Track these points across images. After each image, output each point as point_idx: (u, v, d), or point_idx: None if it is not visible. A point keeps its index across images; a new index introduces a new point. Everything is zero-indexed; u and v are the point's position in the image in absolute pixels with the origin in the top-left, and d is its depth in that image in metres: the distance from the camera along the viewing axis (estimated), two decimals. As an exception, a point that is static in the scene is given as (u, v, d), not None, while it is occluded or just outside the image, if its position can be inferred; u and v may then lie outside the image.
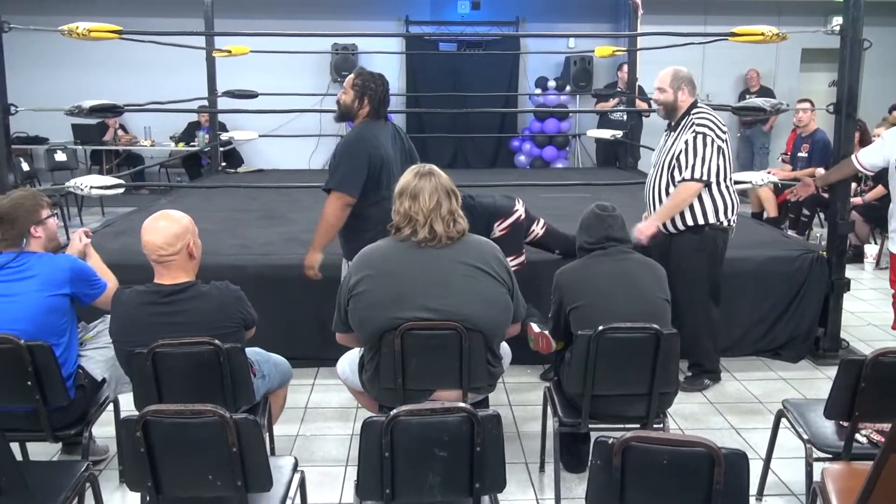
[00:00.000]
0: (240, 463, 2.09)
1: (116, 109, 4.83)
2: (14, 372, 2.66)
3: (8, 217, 2.88)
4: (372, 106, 3.80)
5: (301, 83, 9.49)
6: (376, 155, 3.65)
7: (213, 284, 2.69)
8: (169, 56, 7.32)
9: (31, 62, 8.58)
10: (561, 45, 10.14)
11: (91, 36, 4.48)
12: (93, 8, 8.95)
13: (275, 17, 9.77)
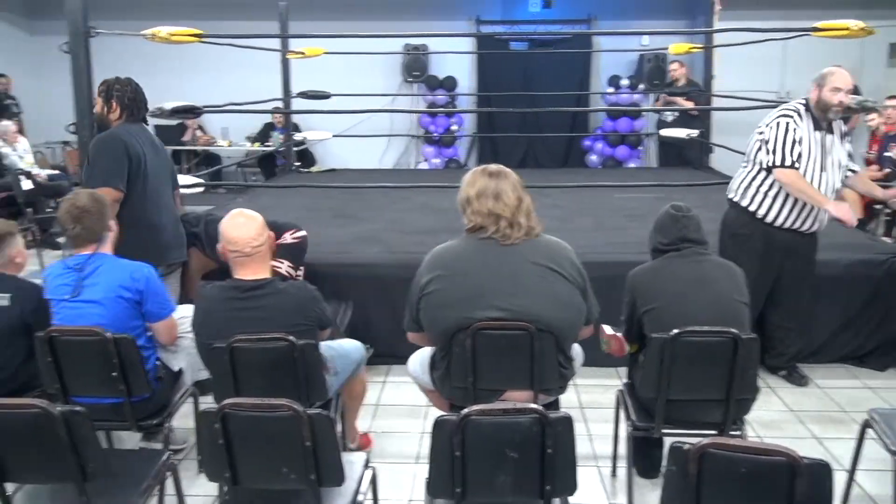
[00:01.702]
0: (312, 457, 2.12)
1: (196, 111, 4.98)
2: (101, 364, 2.77)
3: (87, 216, 2.96)
4: (123, 108, 3.68)
5: (373, 84, 9.60)
6: (134, 151, 3.59)
7: (290, 283, 2.76)
8: (246, 58, 7.51)
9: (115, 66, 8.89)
10: (634, 42, 9.98)
11: (172, 40, 4.62)
12: (174, 13, 9.25)
13: (348, 18, 9.90)
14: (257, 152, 9.73)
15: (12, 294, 3.01)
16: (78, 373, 2.85)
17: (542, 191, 3.98)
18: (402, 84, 10.50)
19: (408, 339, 2.87)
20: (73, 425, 2.15)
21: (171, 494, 2.71)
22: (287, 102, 7.83)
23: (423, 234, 4.97)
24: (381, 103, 9.10)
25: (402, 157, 10.93)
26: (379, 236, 5.08)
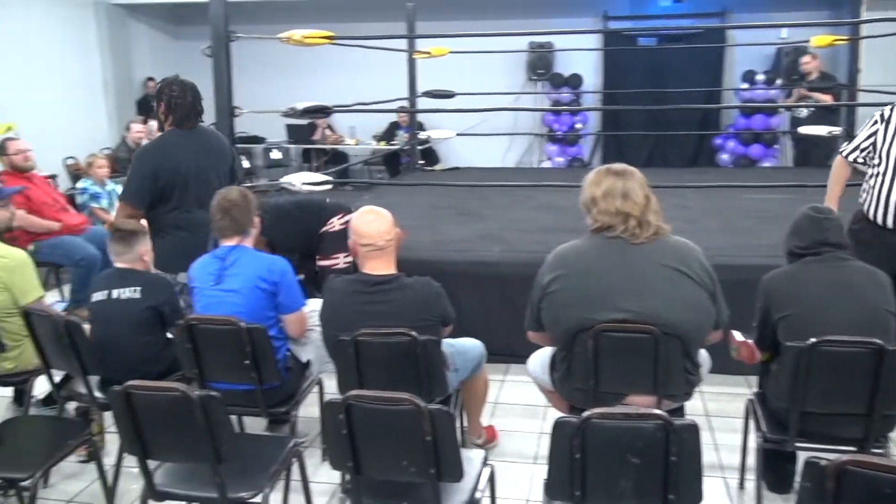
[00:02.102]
0: (433, 452, 2.15)
1: (326, 110, 5.13)
2: (235, 352, 2.91)
3: (232, 211, 3.15)
4: (170, 112, 3.73)
5: (497, 82, 9.60)
6: (164, 166, 3.65)
7: (415, 279, 2.80)
8: (374, 59, 7.69)
9: (253, 68, 9.32)
10: (772, 35, 9.50)
11: (306, 42, 4.78)
12: (307, 16, 9.60)
13: (473, 17, 9.95)
14: (383, 151, 9.95)
15: (142, 287, 3.25)
16: (214, 359, 3.01)
17: (669, 190, 3.85)
18: (526, 82, 10.45)
19: (528, 339, 2.86)
20: (209, 409, 2.27)
21: (297, 480, 2.82)
22: (412, 102, 7.96)
23: (544, 233, 4.94)
24: (505, 102, 9.08)
25: (525, 156, 10.89)
26: (501, 235, 5.08)
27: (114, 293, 3.25)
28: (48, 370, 3.33)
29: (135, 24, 10.90)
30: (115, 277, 3.31)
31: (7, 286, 3.33)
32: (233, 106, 4.64)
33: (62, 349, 3.09)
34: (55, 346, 3.15)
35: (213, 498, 2.42)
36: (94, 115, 10.00)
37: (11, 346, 3.39)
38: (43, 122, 8.61)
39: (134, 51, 10.82)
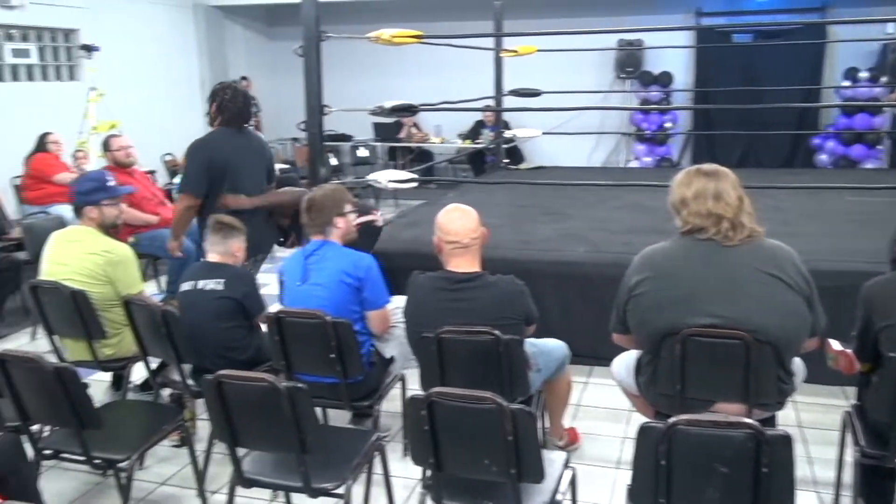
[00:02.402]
0: (514, 452, 2.14)
1: (412, 109, 5.17)
2: (320, 345, 2.97)
3: (317, 206, 3.24)
4: (221, 112, 4.07)
5: (584, 80, 9.49)
6: (216, 160, 3.96)
7: (499, 277, 2.80)
8: (460, 57, 7.71)
9: (343, 67, 9.49)
10: (876, 31, 9.06)
11: (394, 41, 4.83)
12: (396, 15, 9.71)
13: (561, 15, 9.86)
14: (468, 149, 9.97)
15: (226, 279, 3.38)
16: (301, 352, 3.08)
17: (763, 192, 3.70)
18: (614, 80, 10.29)
19: (613, 341, 2.81)
20: (295, 400, 2.33)
21: (378, 474, 2.85)
22: (498, 100, 7.94)
23: (630, 234, 4.85)
24: (592, 100, 8.97)
25: (612, 155, 10.72)
26: (585, 235, 5.02)
27: (199, 283, 3.38)
28: (145, 357, 3.48)
29: (231, 26, 11.26)
30: (203, 269, 3.45)
31: (111, 279, 3.50)
32: (322, 104, 4.73)
33: (158, 338, 3.22)
34: (152, 335, 3.29)
35: (298, 487, 2.48)
36: (192, 113, 10.37)
37: (112, 334, 3.55)
38: (144, 120, 8.99)
39: (230, 51, 11.18)
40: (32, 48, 8.14)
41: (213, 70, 10.66)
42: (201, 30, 10.45)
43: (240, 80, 11.08)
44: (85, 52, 8.25)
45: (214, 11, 10.66)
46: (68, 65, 8.65)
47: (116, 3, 8.94)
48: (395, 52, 8.61)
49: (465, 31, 6.44)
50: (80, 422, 2.63)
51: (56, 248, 3.63)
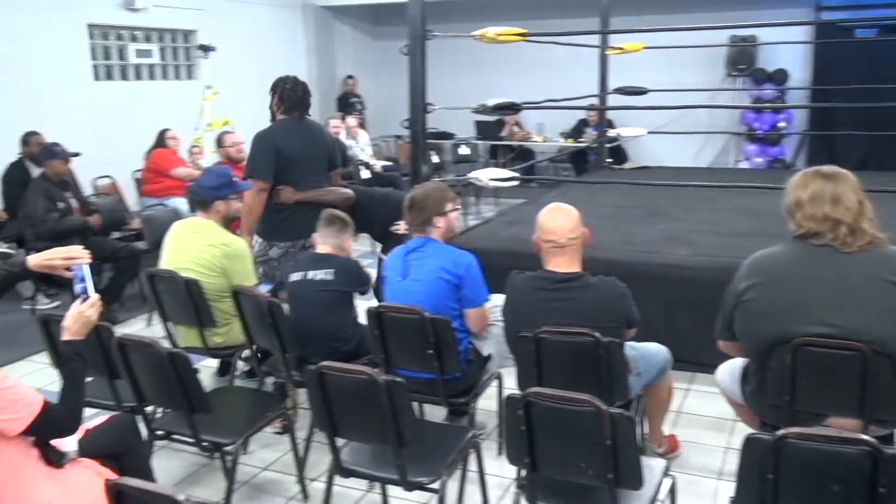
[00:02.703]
0: (612, 457, 2.10)
1: (515, 107, 5.15)
2: (419, 341, 3.01)
3: (418, 205, 3.27)
4: (283, 102, 4.23)
5: (693, 78, 9.22)
6: (282, 147, 4.12)
7: (600, 278, 2.75)
8: (564, 55, 7.63)
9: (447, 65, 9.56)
10: None
11: (499, 39, 4.82)
12: (501, 14, 9.71)
13: (670, 11, 9.60)
14: (570, 148, 9.86)
15: (335, 269, 3.47)
16: (399, 346, 3.13)
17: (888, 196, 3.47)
18: (724, 78, 9.94)
19: (718, 348, 2.72)
20: (394, 394, 2.36)
21: (473, 471, 2.86)
22: (603, 99, 7.81)
23: (738, 238, 4.67)
24: (701, 99, 8.70)
25: (721, 156, 10.37)
26: (690, 237, 4.87)
27: (309, 274, 3.47)
28: (252, 346, 3.61)
29: (339, 26, 11.54)
30: (312, 260, 3.55)
31: (226, 272, 3.65)
32: (426, 103, 4.77)
33: (265, 328, 3.34)
34: (259, 325, 3.41)
35: (394, 479, 2.51)
36: (299, 110, 10.70)
37: (222, 324, 3.71)
38: (254, 117, 9.30)
39: (337, 50, 11.45)
40: (154, 49, 8.57)
41: (321, 69, 10.94)
42: (310, 30, 10.75)
43: (346, 78, 11.36)
44: (202, 52, 8.64)
45: (323, 12, 10.94)
46: (186, 64, 9.06)
47: (232, 5, 9.31)
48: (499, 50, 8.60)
49: (570, 28, 6.36)
50: (191, 405, 2.75)
51: (176, 237, 3.82)
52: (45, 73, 7.02)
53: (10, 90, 6.71)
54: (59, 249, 2.44)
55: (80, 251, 2.42)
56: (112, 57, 8.13)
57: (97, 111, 7.56)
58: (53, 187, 5.43)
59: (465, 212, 8.47)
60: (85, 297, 2.36)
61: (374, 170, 8.59)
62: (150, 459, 2.90)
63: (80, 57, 7.56)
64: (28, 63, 6.87)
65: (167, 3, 8.37)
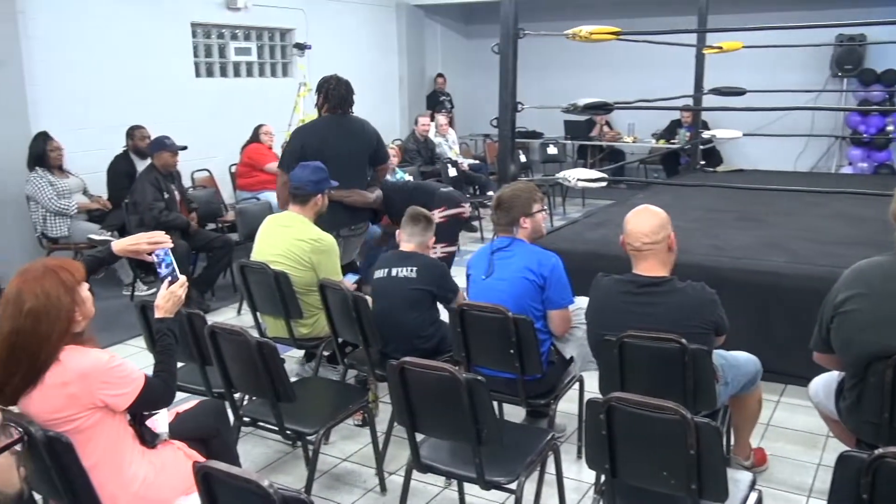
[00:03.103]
0: (696, 467, 2.04)
1: (607, 107, 5.06)
2: (501, 340, 3.00)
3: (505, 205, 3.26)
4: (326, 101, 4.47)
5: (795, 79, 8.87)
6: (310, 143, 4.36)
7: (689, 283, 2.67)
8: (659, 54, 7.46)
9: (539, 64, 9.50)
10: None
11: (592, 38, 4.75)
12: (595, 12, 9.58)
13: (772, 9, 9.25)
14: (661, 149, 9.65)
15: (418, 268, 3.50)
16: (481, 345, 3.12)
17: None
18: (828, 79, 9.51)
19: (813, 360, 2.61)
20: (474, 392, 2.36)
21: (551, 473, 2.84)
22: (697, 99, 7.60)
23: (838, 246, 4.48)
24: (802, 100, 8.35)
25: (822, 160, 9.93)
26: (786, 244, 4.69)
27: (393, 271, 3.52)
28: (336, 338, 3.68)
29: (430, 24, 11.62)
30: (396, 258, 3.59)
31: (315, 266, 3.74)
32: (516, 101, 4.75)
33: (349, 321, 3.40)
34: (344, 318, 3.47)
35: (472, 477, 2.51)
36: (389, 108, 10.84)
37: (308, 315, 3.79)
38: (346, 114, 9.48)
39: (428, 48, 11.54)
40: (253, 47, 8.84)
41: (411, 67, 11.05)
42: (403, 28, 10.87)
43: (436, 76, 11.44)
44: (298, 50, 8.85)
45: (416, 10, 11.04)
46: (282, 62, 9.31)
47: (329, 4, 9.50)
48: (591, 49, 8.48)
49: (666, 27, 6.22)
50: (276, 394, 2.83)
51: (268, 230, 3.94)
52: (150, 70, 7.33)
53: (118, 86, 7.04)
54: (142, 235, 2.59)
55: (163, 236, 2.56)
56: (213, 55, 8.43)
57: (198, 107, 7.85)
58: (161, 178, 5.67)
59: (551, 212, 8.42)
60: (173, 278, 2.50)
61: (460, 168, 8.61)
62: (236, 445, 2.99)
63: (184, 54, 7.87)
64: (134, 60, 7.19)
65: (267, 2, 8.61)
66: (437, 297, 3.53)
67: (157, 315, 2.48)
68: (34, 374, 2.10)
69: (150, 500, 2.27)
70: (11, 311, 2.08)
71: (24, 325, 2.07)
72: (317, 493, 3.12)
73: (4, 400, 2.09)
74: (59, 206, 5.88)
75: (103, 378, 2.17)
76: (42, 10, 6.43)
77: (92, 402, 2.16)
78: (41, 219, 5.96)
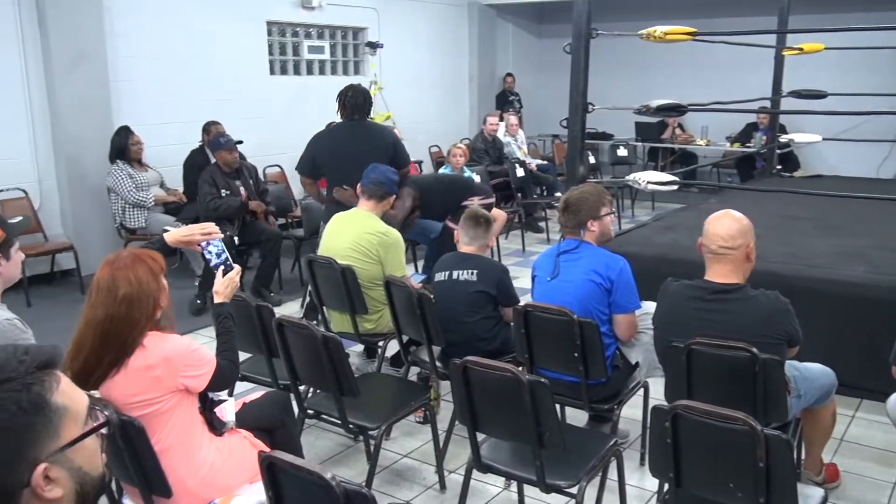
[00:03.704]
0: (765, 480, 1.99)
1: (680, 109, 4.96)
2: (565, 343, 2.97)
3: (573, 207, 3.22)
4: (343, 108, 4.77)
5: (879, 82, 8.51)
6: (322, 150, 4.75)
7: (761, 292, 2.59)
8: (735, 55, 7.28)
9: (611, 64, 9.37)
10: None
11: (667, 39, 4.65)
12: (671, 12, 9.40)
13: (856, 9, 8.91)
14: (736, 153, 9.40)
15: (478, 270, 3.51)
16: (545, 347, 3.10)
17: None
18: (919, 83, 9.11)
19: (892, 375, 2.50)
20: (536, 394, 2.35)
21: (612, 480, 2.80)
22: (775, 102, 7.38)
23: (924, 257, 4.28)
24: (887, 104, 8.02)
25: (909, 167, 9.53)
26: (866, 253, 4.51)
27: (454, 274, 3.53)
28: (400, 335, 3.71)
29: (502, 23, 11.59)
30: (456, 260, 3.61)
31: (381, 260, 3.79)
32: (586, 102, 4.69)
33: (413, 319, 3.42)
34: (407, 315, 3.50)
35: (532, 480, 2.50)
36: (458, 107, 10.86)
37: (373, 311, 3.83)
38: (414, 113, 9.56)
39: (498, 48, 11.51)
40: (326, 45, 8.97)
41: (481, 67, 11.04)
42: (474, 27, 10.86)
43: (505, 76, 11.40)
44: (370, 48, 8.95)
45: (488, 10, 11.03)
46: (354, 60, 9.42)
47: (401, 3, 9.57)
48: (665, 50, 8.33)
49: (744, 27, 6.06)
50: (340, 388, 2.86)
51: (336, 226, 4.01)
52: (227, 67, 7.52)
53: (196, 82, 7.24)
54: (195, 226, 2.72)
55: (214, 227, 2.70)
56: (287, 53, 8.58)
57: (272, 104, 8.01)
58: (220, 175, 5.80)
59: (619, 215, 8.29)
60: (226, 267, 2.66)
61: (528, 168, 8.56)
62: (300, 436, 3.04)
63: (259, 52, 8.04)
64: (212, 57, 7.38)
65: (341, 1, 8.73)
66: (498, 300, 3.52)
67: (217, 300, 2.61)
68: (121, 359, 2.19)
69: (216, 486, 2.33)
70: (105, 298, 2.18)
71: (119, 310, 2.17)
72: (377, 488, 3.15)
73: (89, 384, 2.18)
74: (137, 198, 6.09)
75: (185, 361, 2.28)
76: (126, 8, 6.66)
77: (174, 385, 2.26)
78: (120, 210, 6.18)
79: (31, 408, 0.99)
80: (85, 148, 6.30)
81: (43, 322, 3.17)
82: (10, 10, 5.98)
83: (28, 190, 6.14)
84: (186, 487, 2.28)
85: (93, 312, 2.19)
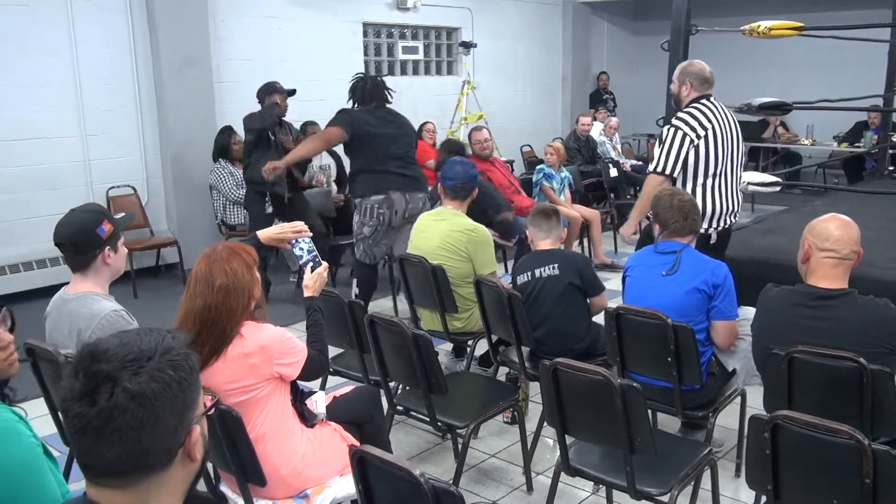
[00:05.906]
0: (871, 497, 1.88)
1: (784, 107, 4.78)
2: (659, 347, 2.90)
3: (689, 212, 3.16)
4: (355, 96, 5.11)
5: None
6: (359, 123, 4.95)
7: (871, 298, 2.46)
8: (843, 51, 6.94)
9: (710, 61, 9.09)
10: None
11: (771, 34, 4.50)
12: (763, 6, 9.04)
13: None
14: (844, 153, 8.97)
15: (559, 263, 3.48)
16: (637, 350, 3.03)
17: None
18: None
19: None
20: (628, 399, 2.30)
21: (706, 489, 2.71)
22: (888, 99, 7.00)
23: None
24: None
25: None
26: None
27: (537, 272, 3.50)
28: (489, 334, 3.70)
29: (597, 21, 11.42)
30: (535, 259, 3.58)
31: (471, 256, 3.81)
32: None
33: (502, 318, 3.40)
34: (497, 315, 3.49)
35: (622, 486, 2.45)
36: (552, 106, 10.77)
37: (462, 310, 3.84)
38: (506, 112, 9.53)
39: (593, 46, 11.35)
40: (420, 45, 9.06)
41: (575, 65, 10.91)
42: (568, 25, 10.75)
43: (599, 74, 11.23)
44: (464, 48, 8.98)
45: (582, 7, 10.89)
46: (447, 60, 9.47)
47: (494, 2, 9.56)
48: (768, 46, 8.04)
49: (853, 21, 5.78)
50: (429, 386, 2.88)
51: (422, 225, 4.05)
52: (324, 68, 7.68)
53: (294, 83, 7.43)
54: (286, 225, 2.85)
55: (304, 225, 2.84)
56: (382, 53, 8.71)
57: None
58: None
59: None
60: (315, 263, 2.78)
61: (622, 168, 8.41)
62: (389, 432, 3.08)
63: (355, 53, 8.19)
64: (310, 58, 7.57)
65: (436, 1, 8.79)
66: (583, 290, 3.48)
67: (306, 294, 2.72)
68: (220, 347, 2.28)
69: (307, 476, 2.39)
70: (202, 289, 2.28)
71: (216, 300, 2.26)
72: (464, 486, 3.16)
73: None
74: (238, 195, 6.30)
75: (280, 349, 2.35)
76: (229, 13, 6.91)
77: (270, 373, 2.33)
78: (221, 207, 6.42)
79: (194, 371, 1.14)
80: (190, 147, 6.58)
81: (147, 314, 3.33)
82: (123, 17, 6.30)
83: (136, 187, 6.47)
84: (279, 476, 2.35)
85: (192, 302, 2.28)
